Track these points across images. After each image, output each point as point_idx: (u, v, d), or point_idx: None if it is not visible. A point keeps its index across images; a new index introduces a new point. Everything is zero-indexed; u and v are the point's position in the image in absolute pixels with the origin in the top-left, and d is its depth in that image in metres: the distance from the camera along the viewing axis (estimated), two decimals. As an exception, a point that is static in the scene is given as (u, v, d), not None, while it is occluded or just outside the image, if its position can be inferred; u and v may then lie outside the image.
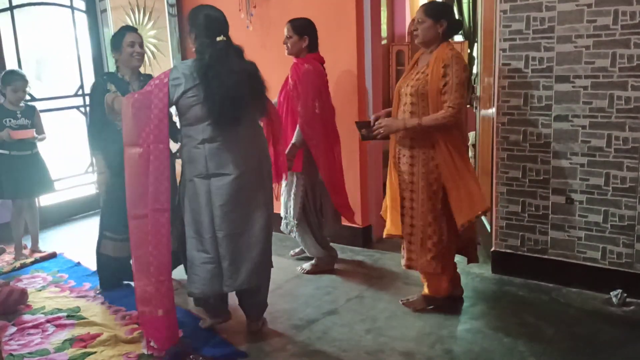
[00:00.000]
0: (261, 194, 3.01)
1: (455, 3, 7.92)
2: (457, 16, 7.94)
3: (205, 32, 2.89)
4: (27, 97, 5.17)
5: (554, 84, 3.46)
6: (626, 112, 3.28)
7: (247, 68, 2.94)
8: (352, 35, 4.15)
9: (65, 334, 3.23)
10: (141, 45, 3.61)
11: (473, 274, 3.84)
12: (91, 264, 4.26)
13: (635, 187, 3.32)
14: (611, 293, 3.35)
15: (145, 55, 5.24)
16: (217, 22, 2.92)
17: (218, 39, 2.89)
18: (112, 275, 3.81)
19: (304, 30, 3.75)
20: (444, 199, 3.12)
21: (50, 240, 4.66)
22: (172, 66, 3.77)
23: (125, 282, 3.85)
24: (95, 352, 3.02)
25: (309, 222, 3.93)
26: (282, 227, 4.03)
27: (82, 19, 5.57)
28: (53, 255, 4.47)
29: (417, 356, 2.92)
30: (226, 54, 2.87)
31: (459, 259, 3.42)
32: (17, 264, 4.31)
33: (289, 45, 3.77)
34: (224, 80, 2.79)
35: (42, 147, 5.39)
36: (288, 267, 4.09)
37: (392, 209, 3.30)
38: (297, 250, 4.29)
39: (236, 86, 2.82)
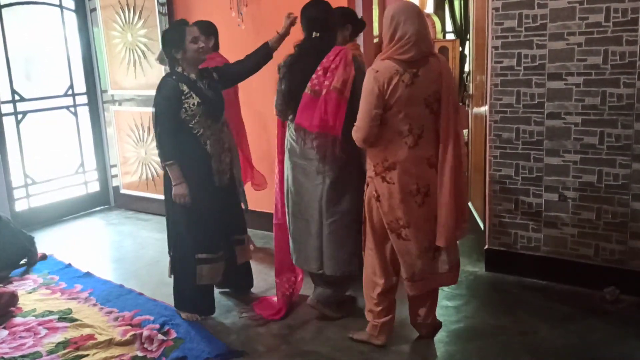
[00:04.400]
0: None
1: (447, 1, 7.94)
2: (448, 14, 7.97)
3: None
4: (16, 98, 5.14)
5: (546, 81, 3.46)
6: (618, 110, 3.28)
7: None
8: (344, 33, 4.13)
9: (58, 337, 3.20)
10: (200, 37, 3.22)
11: (467, 272, 3.84)
12: (82, 265, 4.24)
13: (627, 184, 3.33)
14: (604, 290, 3.36)
15: (136, 54, 5.24)
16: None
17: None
18: (211, 302, 3.41)
19: (211, 31, 4.03)
20: None
21: (41, 242, 4.62)
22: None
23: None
24: (88, 355, 2.99)
25: None
26: None
27: (72, 18, 5.52)
28: (43, 257, 4.43)
29: (411, 355, 2.91)
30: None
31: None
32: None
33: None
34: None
35: (34, 148, 5.37)
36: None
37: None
38: None
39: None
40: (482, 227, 4.00)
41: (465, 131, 5.40)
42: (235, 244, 3.47)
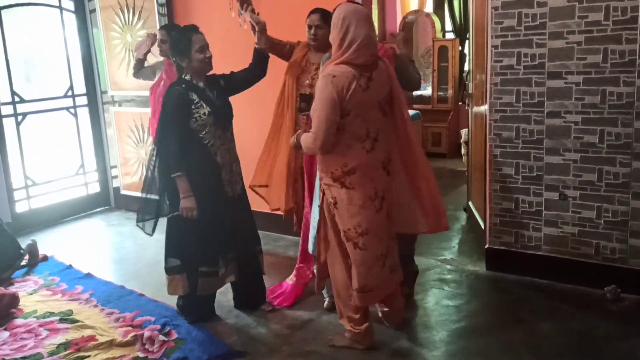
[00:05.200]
0: None
1: (446, 0, 7.93)
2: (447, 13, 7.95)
3: None
4: (16, 99, 5.14)
5: (546, 80, 3.46)
6: (618, 108, 3.28)
7: None
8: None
9: (59, 338, 3.19)
10: (208, 47, 3.11)
11: (467, 272, 3.84)
12: (83, 266, 4.24)
13: (628, 183, 3.32)
14: (605, 289, 3.36)
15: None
16: None
17: None
18: (205, 313, 3.35)
19: None
20: None
21: (41, 243, 4.62)
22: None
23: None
24: (89, 356, 2.99)
25: None
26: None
27: (71, 19, 5.52)
28: (44, 259, 4.43)
29: (412, 355, 2.91)
30: None
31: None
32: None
33: (164, 48, 4.05)
34: None
35: (34, 150, 5.37)
36: (282, 266, 4.07)
37: None
38: None
39: None
40: (483, 226, 4.00)
41: (464, 130, 5.40)
42: (258, 253, 3.42)
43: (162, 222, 3.25)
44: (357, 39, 2.60)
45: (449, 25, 8.09)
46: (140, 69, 4.46)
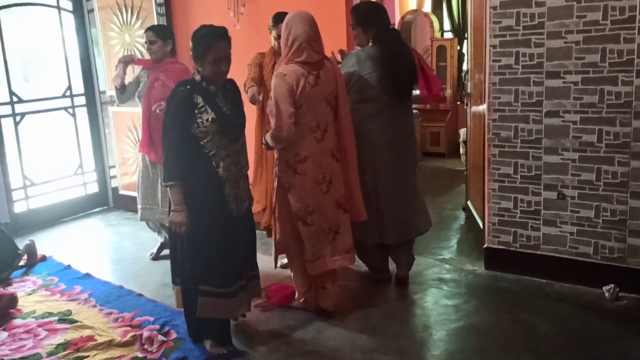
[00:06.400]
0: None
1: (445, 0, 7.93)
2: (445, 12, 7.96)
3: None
4: (14, 99, 5.14)
5: (544, 79, 3.47)
6: (617, 107, 3.29)
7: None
8: (342, 32, 4.14)
9: (57, 338, 3.19)
10: (228, 58, 2.81)
11: (466, 271, 3.85)
12: (81, 266, 4.24)
13: (626, 182, 3.33)
14: (604, 288, 3.37)
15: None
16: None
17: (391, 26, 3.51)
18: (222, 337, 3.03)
19: (168, 35, 4.06)
20: None
21: (40, 243, 4.61)
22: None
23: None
24: (88, 356, 2.99)
25: None
26: (150, 216, 4.30)
27: (69, 19, 5.51)
28: (43, 259, 4.42)
29: (411, 354, 2.91)
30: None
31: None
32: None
33: (154, 49, 4.00)
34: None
35: (32, 150, 5.36)
36: (277, 272, 4.06)
37: None
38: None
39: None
40: (482, 226, 4.00)
41: (463, 130, 5.40)
42: (250, 279, 3.08)
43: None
44: (297, 38, 2.98)
45: (447, 25, 8.09)
46: (123, 92, 4.24)
